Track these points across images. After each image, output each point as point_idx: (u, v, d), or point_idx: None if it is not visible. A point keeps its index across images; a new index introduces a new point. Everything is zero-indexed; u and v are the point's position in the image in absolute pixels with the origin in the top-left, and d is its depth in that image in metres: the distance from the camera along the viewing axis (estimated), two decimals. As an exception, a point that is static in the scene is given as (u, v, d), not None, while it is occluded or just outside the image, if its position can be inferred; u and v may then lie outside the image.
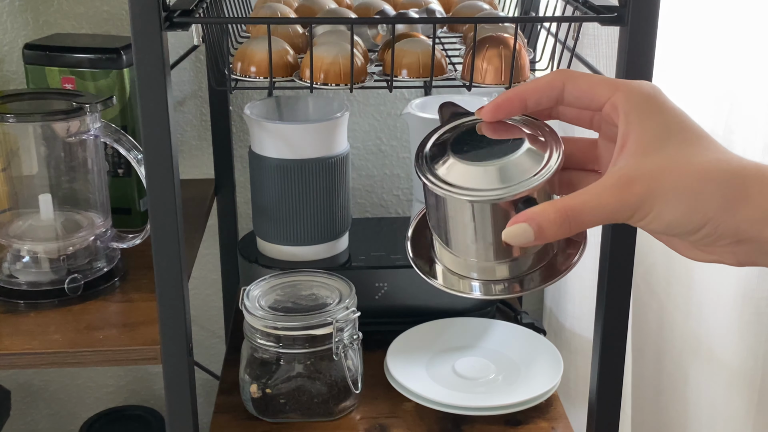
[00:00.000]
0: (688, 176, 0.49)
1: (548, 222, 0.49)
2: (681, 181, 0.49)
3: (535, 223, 0.49)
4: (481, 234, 0.53)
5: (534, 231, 0.49)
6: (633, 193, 0.49)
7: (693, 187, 0.48)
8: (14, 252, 0.96)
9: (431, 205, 0.55)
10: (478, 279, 0.56)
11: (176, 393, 0.85)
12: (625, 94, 0.52)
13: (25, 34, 1.22)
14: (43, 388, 1.44)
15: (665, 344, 1.16)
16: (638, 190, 0.49)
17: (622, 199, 0.49)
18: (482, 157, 0.53)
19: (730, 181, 0.48)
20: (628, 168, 0.50)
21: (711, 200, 0.48)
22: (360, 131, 1.32)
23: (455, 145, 0.55)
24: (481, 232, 0.53)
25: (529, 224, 0.49)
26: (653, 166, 0.49)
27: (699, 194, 0.48)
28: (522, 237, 0.50)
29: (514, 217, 0.50)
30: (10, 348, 0.85)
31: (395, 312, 1.11)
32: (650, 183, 0.49)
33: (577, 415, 1.14)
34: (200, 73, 1.28)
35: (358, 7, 1.03)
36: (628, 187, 0.49)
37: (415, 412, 0.99)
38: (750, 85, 0.98)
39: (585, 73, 0.55)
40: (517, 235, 0.50)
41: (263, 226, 1.10)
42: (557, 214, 0.49)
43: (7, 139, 0.95)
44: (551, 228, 0.49)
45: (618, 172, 0.50)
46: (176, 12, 0.76)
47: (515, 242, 0.50)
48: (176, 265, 0.79)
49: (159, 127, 0.75)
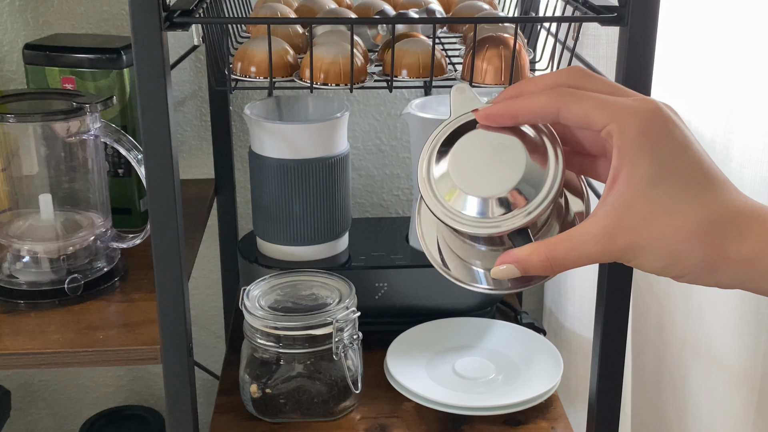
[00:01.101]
0: (668, 237, 0.50)
1: (533, 266, 0.53)
2: (662, 240, 0.50)
3: (521, 266, 0.53)
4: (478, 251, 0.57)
5: (520, 271, 0.53)
6: (616, 246, 0.51)
7: (672, 247, 0.50)
8: (14, 252, 0.96)
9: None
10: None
11: (176, 393, 0.84)
12: (619, 127, 0.50)
13: (25, 34, 1.22)
14: (43, 388, 1.44)
15: (665, 344, 1.16)
16: (621, 243, 0.51)
17: (605, 249, 0.51)
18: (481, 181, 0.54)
19: (711, 240, 0.50)
20: (613, 217, 0.51)
21: (690, 259, 0.50)
22: (360, 131, 1.32)
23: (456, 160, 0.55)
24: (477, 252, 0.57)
25: (516, 266, 0.53)
26: (638, 217, 0.50)
27: (678, 254, 0.50)
28: (508, 275, 0.54)
29: (501, 257, 0.53)
30: (10, 348, 0.85)
31: (395, 312, 1.11)
32: (632, 237, 0.50)
33: (577, 415, 1.14)
34: (200, 73, 1.28)
35: (358, 7, 1.03)
36: (612, 239, 0.51)
37: (415, 412, 0.99)
38: (751, 84, 0.98)
39: (582, 94, 0.52)
40: (504, 275, 0.54)
41: (263, 226, 1.10)
42: (540, 262, 0.52)
43: (7, 139, 0.95)
44: (536, 270, 0.53)
45: (603, 221, 0.51)
46: (176, 12, 0.76)
47: (502, 278, 0.54)
48: (176, 265, 0.79)
49: (159, 127, 0.75)
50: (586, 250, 0.51)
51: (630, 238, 0.50)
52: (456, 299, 1.11)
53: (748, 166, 0.96)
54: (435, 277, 1.09)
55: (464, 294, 1.11)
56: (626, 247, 0.50)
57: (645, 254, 0.50)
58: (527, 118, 0.54)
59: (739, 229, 0.49)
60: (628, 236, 0.50)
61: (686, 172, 0.50)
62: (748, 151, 0.99)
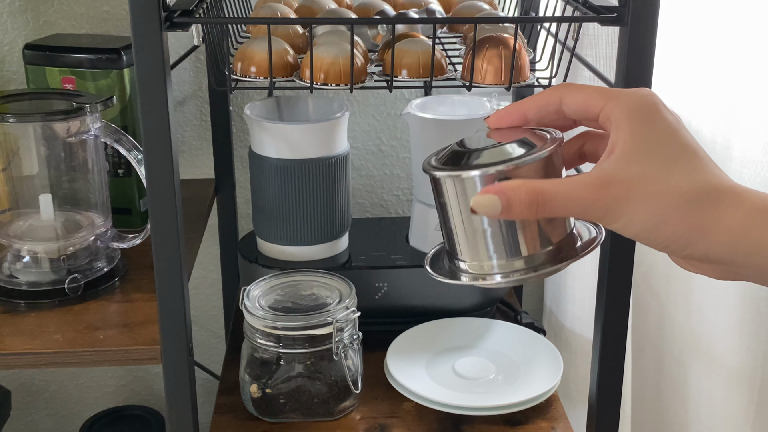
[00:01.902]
0: (663, 194, 0.50)
1: (518, 200, 0.50)
2: (656, 196, 0.50)
3: (504, 197, 0.50)
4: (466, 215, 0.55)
5: (502, 204, 0.50)
6: (608, 195, 0.50)
7: (666, 204, 0.50)
8: (14, 252, 0.96)
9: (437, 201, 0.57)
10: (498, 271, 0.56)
11: (176, 393, 0.85)
12: (618, 104, 0.52)
13: (25, 34, 1.22)
14: (43, 388, 1.44)
15: (665, 344, 1.16)
16: (613, 193, 0.50)
17: (596, 197, 0.50)
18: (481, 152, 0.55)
19: (703, 206, 0.50)
20: (609, 170, 0.51)
21: (681, 222, 0.50)
22: (360, 131, 1.32)
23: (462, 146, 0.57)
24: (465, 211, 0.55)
25: (499, 197, 0.50)
26: (633, 175, 0.50)
27: (671, 213, 0.50)
28: (489, 208, 0.51)
29: (485, 188, 0.51)
30: (10, 348, 0.85)
31: (395, 312, 1.11)
32: (627, 189, 0.50)
33: (577, 415, 1.14)
34: (200, 73, 1.28)
35: (358, 7, 1.03)
36: (605, 187, 0.50)
37: (415, 412, 0.99)
38: (751, 84, 0.98)
39: (583, 85, 0.55)
40: (484, 205, 0.51)
41: (263, 226, 1.10)
42: (528, 195, 0.50)
43: (7, 139, 0.95)
44: (519, 206, 0.50)
45: (598, 173, 0.51)
46: (176, 12, 0.76)
47: (482, 212, 0.51)
48: (176, 265, 0.79)
49: (159, 127, 0.75)
50: (577, 194, 0.50)
51: (624, 190, 0.50)
52: (456, 299, 1.11)
53: (748, 166, 0.96)
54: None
55: (464, 294, 1.11)
56: (618, 197, 0.50)
57: (635, 210, 0.50)
58: (534, 111, 0.56)
59: (735, 199, 0.50)
60: (622, 188, 0.50)
61: (680, 146, 0.51)
62: (748, 151, 0.99)
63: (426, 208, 1.11)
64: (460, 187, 0.54)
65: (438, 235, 0.61)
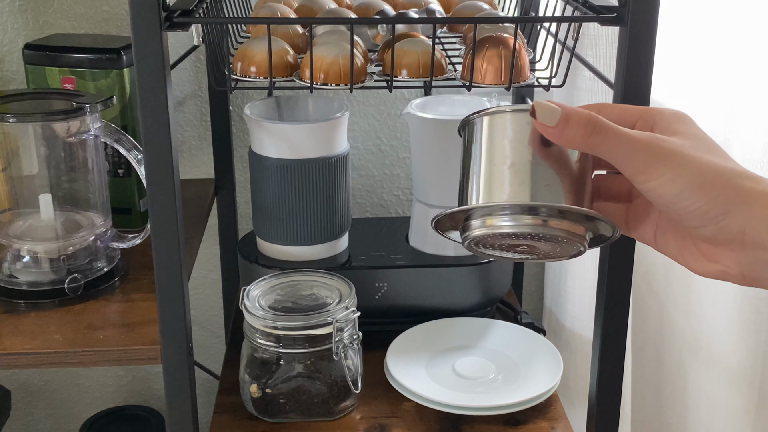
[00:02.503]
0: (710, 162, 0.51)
1: (576, 117, 0.51)
2: (704, 161, 0.51)
3: (565, 111, 0.51)
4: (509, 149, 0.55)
5: (560, 116, 0.51)
6: (662, 147, 0.51)
7: (713, 169, 0.50)
8: (14, 252, 0.96)
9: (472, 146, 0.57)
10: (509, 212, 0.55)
11: (176, 393, 0.85)
12: (656, 110, 0.55)
13: (25, 34, 1.22)
14: (43, 388, 1.44)
15: (665, 344, 1.16)
16: (667, 146, 0.51)
17: (650, 146, 0.51)
18: None
19: (748, 179, 0.50)
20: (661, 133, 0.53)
21: (726, 186, 0.50)
22: (360, 131, 1.32)
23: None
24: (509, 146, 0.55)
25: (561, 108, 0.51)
26: (683, 141, 0.52)
27: (716, 177, 0.50)
28: (548, 113, 0.52)
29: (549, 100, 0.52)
30: (10, 348, 0.85)
31: (395, 312, 1.11)
32: (679, 147, 0.51)
33: (577, 415, 1.14)
34: (200, 73, 1.28)
35: (358, 7, 1.03)
36: (660, 141, 0.51)
37: (415, 412, 0.99)
38: (750, 84, 0.98)
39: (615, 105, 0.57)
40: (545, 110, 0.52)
41: (263, 226, 1.10)
42: (587, 117, 0.51)
43: (7, 139, 0.95)
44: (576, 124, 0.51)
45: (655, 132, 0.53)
46: (176, 12, 0.76)
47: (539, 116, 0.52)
48: (176, 265, 0.79)
49: (159, 127, 0.75)
50: (634, 136, 0.51)
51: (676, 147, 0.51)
52: (456, 299, 1.11)
53: (748, 166, 0.96)
54: (435, 277, 1.09)
55: (464, 294, 1.11)
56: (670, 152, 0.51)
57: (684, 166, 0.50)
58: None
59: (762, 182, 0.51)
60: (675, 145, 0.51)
61: (716, 147, 0.53)
62: (748, 151, 0.99)
63: (426, 207, 1.11)
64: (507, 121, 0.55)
65: (438, 235, 0.60)
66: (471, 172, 0.56)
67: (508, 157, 0.55)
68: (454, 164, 0.58)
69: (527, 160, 0.54)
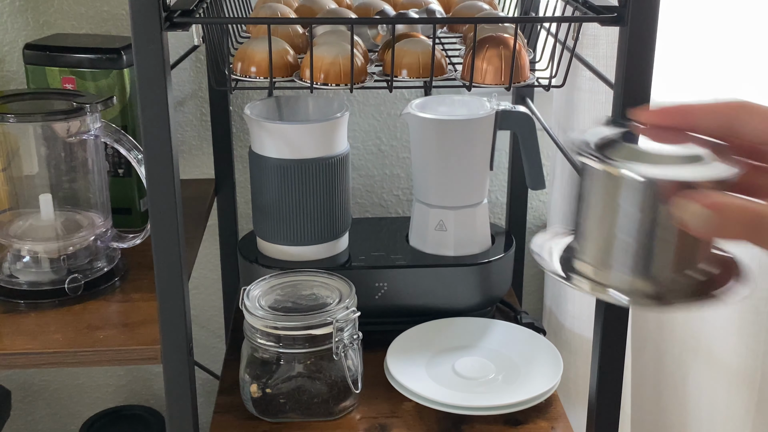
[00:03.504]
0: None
1: (735, 219, 0.41)
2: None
3: (720, 213, 0.41)
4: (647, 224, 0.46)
5: (714, 221, 0.41)
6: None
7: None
8: (14, 252, 0.96)
9: (590, 195, 0.49)
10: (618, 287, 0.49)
11: (176, 393, 0.85)
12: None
13: (26, 34, 1.22)
14: (43, 388, 1.44)
15: (665, 344, 1.16)
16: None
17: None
18: (655, 153, 0.48)
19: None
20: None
21: None
22: (360, 131, 1.32)
23: (620, 139, 0.50)
24: (649, 221, 0.46)
25: (713, 210, 0.41)
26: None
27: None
28: (699, 221, 0.42)
29: (691, 196, 0.43)
30: (10, 348, 0.85)
31: (395, 312, 1.11)
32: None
33: (577, 415, 1.14)
34: (200, 73, 1.28)
35: (358, 7, 1.03)
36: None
37: (415, 411, 0.99)
38: (750, 84, 0.98)
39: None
40: (694, 217, 0.42)
41: (263, 226, 1.10)
42: (748, 216, 0.41)
43: (7, 139, 0.95)
44: (735, 227, 0.41)
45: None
46: (176, 12, 0.76)
47: (691, 225, 0.43)
48: (176, 265, 0.80)
49: (159, 127, 0.75)
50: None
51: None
52: (456, 299, 1.11)
53: (748, 166, 0.96)
54: (435, 277, 1.09)
55: (464, 294, 1.11)
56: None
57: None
58: (699, 116, 0.50)
59: None
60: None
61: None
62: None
63: (426, 208, 1.11)
64: (636, 188, 0.46)
65: (438, 235, 0.60)
66: (593, 224, 0.49)
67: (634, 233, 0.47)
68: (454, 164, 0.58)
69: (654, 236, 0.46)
